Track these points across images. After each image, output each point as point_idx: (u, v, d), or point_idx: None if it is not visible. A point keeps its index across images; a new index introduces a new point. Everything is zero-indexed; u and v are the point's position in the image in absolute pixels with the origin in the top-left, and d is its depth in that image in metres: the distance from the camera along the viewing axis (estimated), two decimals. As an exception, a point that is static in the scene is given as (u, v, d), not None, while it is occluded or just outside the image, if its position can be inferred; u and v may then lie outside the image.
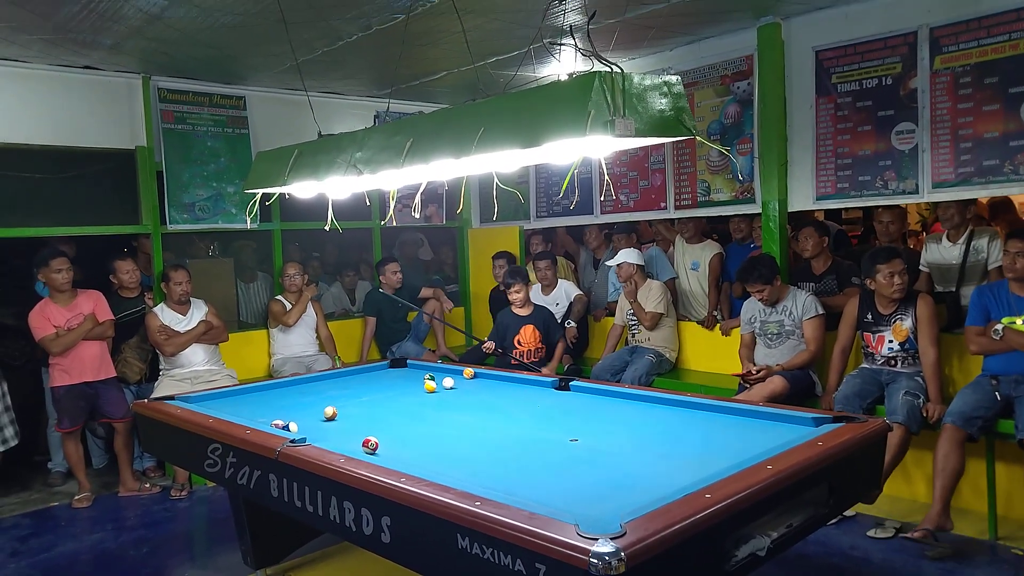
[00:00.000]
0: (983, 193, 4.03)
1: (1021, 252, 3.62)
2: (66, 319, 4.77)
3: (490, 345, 5.04)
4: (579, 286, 5.97)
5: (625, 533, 1.74)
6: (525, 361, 4.93)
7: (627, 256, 5.17)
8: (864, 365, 4.21)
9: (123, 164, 5.31)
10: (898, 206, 4.86)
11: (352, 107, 6.09)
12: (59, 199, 5.32)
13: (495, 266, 6.11)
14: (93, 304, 4.89)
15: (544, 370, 4.85)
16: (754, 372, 4.33)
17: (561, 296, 5.73)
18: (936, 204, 4.94)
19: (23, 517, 4.72)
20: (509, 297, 5.11)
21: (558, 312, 5.71)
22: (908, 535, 3.65)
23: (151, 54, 4.76)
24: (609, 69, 2.20)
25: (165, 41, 4.47)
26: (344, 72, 5.35)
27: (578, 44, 2.94)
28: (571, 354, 5.51)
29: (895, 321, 4.05)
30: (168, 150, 5.33)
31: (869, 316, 4.14)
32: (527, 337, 5.05)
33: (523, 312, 5.12)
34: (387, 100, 5.92)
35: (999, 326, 3.62)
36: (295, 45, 4.39)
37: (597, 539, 1.70)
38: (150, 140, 5.26)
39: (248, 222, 5.43)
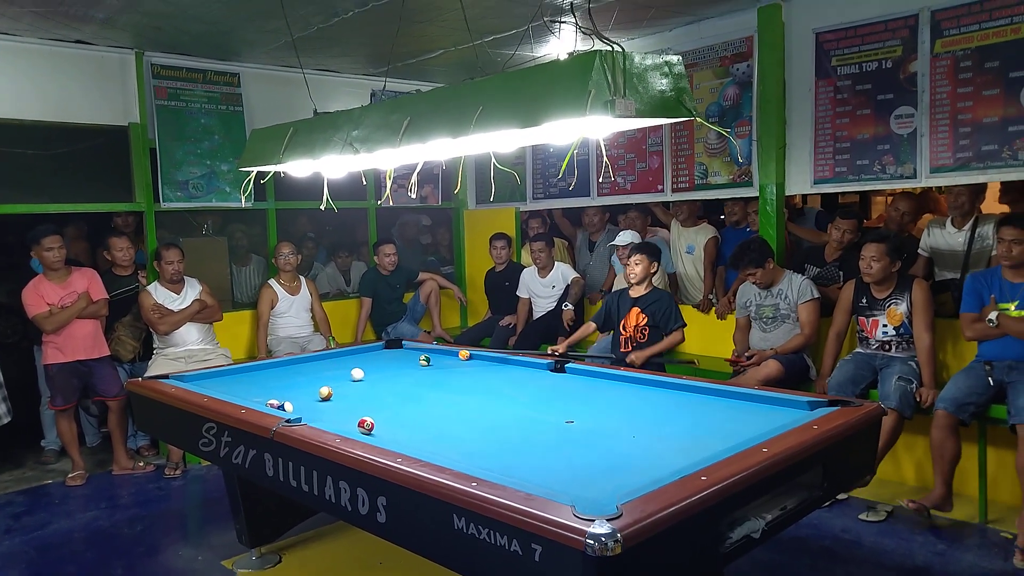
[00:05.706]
0: (981, 178, 4.01)
1: (1016, 240, 3.62)
2: (60, 297, 4.74)
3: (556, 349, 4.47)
4: (575, 268, 5.96)
5: (621, 515, 1.75)
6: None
7: (631, 236, 5.16)
8: (858, 350, 4.22)
9: (116, 141, 5.25)
10: (914, 196, 4.80)
11: (348, 85, 6.03)
12: (51, 176, 5.26)
13: (494, 247, 6.08)
14: (87, 282, 4.86)
15: (633, 356, 4.37)
16: (744, 360, 4.34)
17: (558, 278, 5.72)
18: (943, 190, 4.91)
19: (16, 495, 4.71)
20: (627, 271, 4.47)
21: (554, 295, 5.70)
22: (902, 503, 3.73)
23: (144, 29, 4.69)
24: (610, 48, 2.17)
25: (158, 15, 4.40)
26: (340, 49, 5.29)
27: (578, 22, 2.91)
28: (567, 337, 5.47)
29: (889, 305, 4.05)
30: (161, 127, 5.27)
31: (864, 300, 4.14)
32: (631, 320, 4.53)
33: (635, 294, 4.56)
34: (383, 79, 5.86)
35: (993, 314, 3.64)
36: (290, 21, 4.33)
37: (594, 520, 1.70)
38: (143, 117, 5.21)
39: (243, 200, 5.39)
